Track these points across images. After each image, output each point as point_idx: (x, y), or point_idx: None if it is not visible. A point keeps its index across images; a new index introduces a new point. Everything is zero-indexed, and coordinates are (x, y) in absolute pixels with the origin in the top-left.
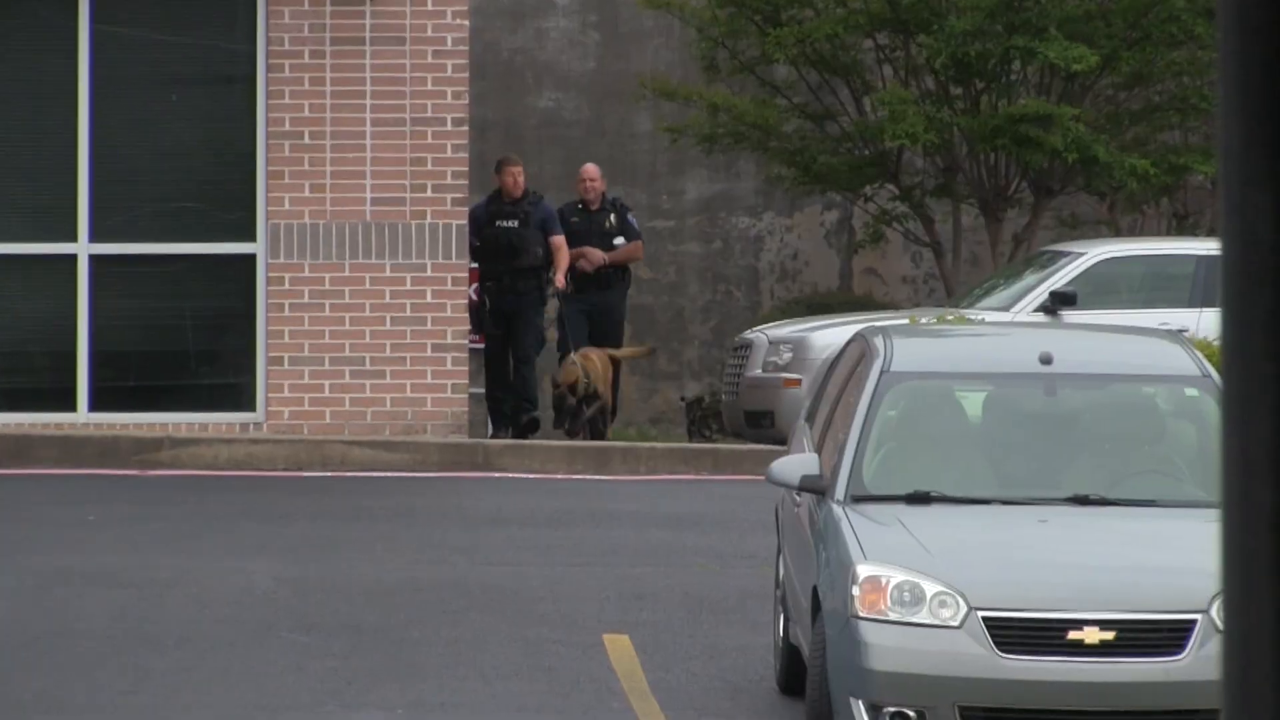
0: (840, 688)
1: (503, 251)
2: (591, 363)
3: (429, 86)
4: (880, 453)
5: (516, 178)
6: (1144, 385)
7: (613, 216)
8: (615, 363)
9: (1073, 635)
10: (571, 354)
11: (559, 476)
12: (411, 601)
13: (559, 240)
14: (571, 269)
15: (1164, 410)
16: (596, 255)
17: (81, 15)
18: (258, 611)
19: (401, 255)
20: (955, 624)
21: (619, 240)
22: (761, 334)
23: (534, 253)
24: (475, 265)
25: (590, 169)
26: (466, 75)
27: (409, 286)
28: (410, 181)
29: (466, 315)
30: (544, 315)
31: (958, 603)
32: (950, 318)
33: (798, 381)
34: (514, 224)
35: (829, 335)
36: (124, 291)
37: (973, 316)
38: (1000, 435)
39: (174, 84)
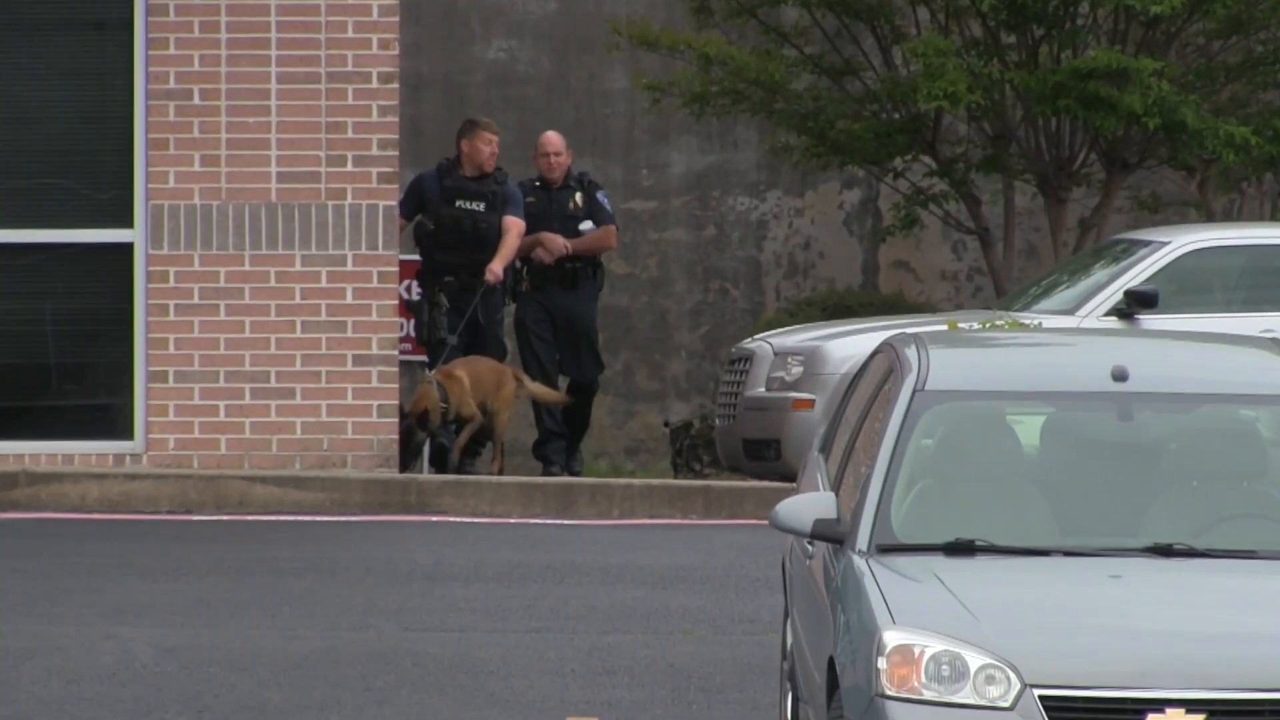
0: None
1: (466, 240)
2: (456, 382)
3: (350, 34)
4: (913, 492)
5: (494, 149)
6: (1242, 407)
7: (579, 196)
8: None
9: (1153, 719)
10: (429, 372)
11: (512, 520)
12: (328, 677)
13: (510, 222)
14: (528, 261)
15: (1267, 438)
16: (557, 243)
17: None
18: (136, 689)
19: (315, 245)
20: (1005, 704)
21: (586, 225)
22: (765, 343)
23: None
24: (408, 258)
25: (552, 139)
26: (397, 20)
27: (325, 284)
28: (326, 153)
29: (395, 320)
30: (503, 322)
31: (1009, 678)
32: (1001, 323)
33: (810, 403)
34: (479, 206)
35: (849, 345)
36: None
37: (1029, 321)
38: (1063, 470)
39: (29, 30)
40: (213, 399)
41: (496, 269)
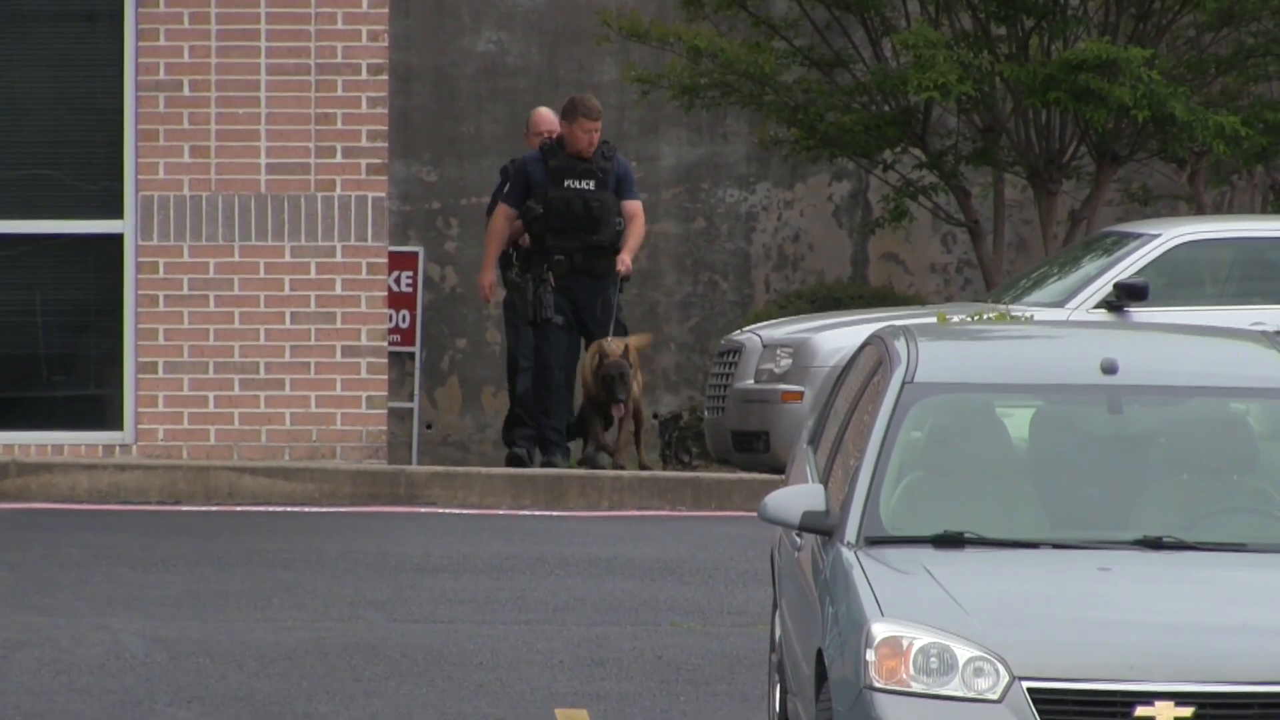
0: None
1: (577, 221)
2: (633, 357)
3: (339, 25)
4: (902, 484)
5: (594, 137)
6: (1232, 399)
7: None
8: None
9: (1141, 712)
10: (609, 339)
11: (500, 512)
12: (316, 668)
13: (634, 207)
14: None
15: (1257, 431)
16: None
17: None
18: (126, 680)
19: (305, 236)
20: (994, 697)
21: None
22: (754, 335)
23: (614, 223)
24: (398, 249)
25: (545, 117)
26: (386, 11)
27: (314, 275)
28: (316, 144)
29: (385, 311)
30: (622, 305)
31: (997, 671)
32: (990, 315)
33: (799, 395)
34: (589, 185)
35: (838, 337)
36: None
37: (1018, 313)
38: (1052, 462)
39: (18, 21)
40: (202, 390)
41: (627, 259)
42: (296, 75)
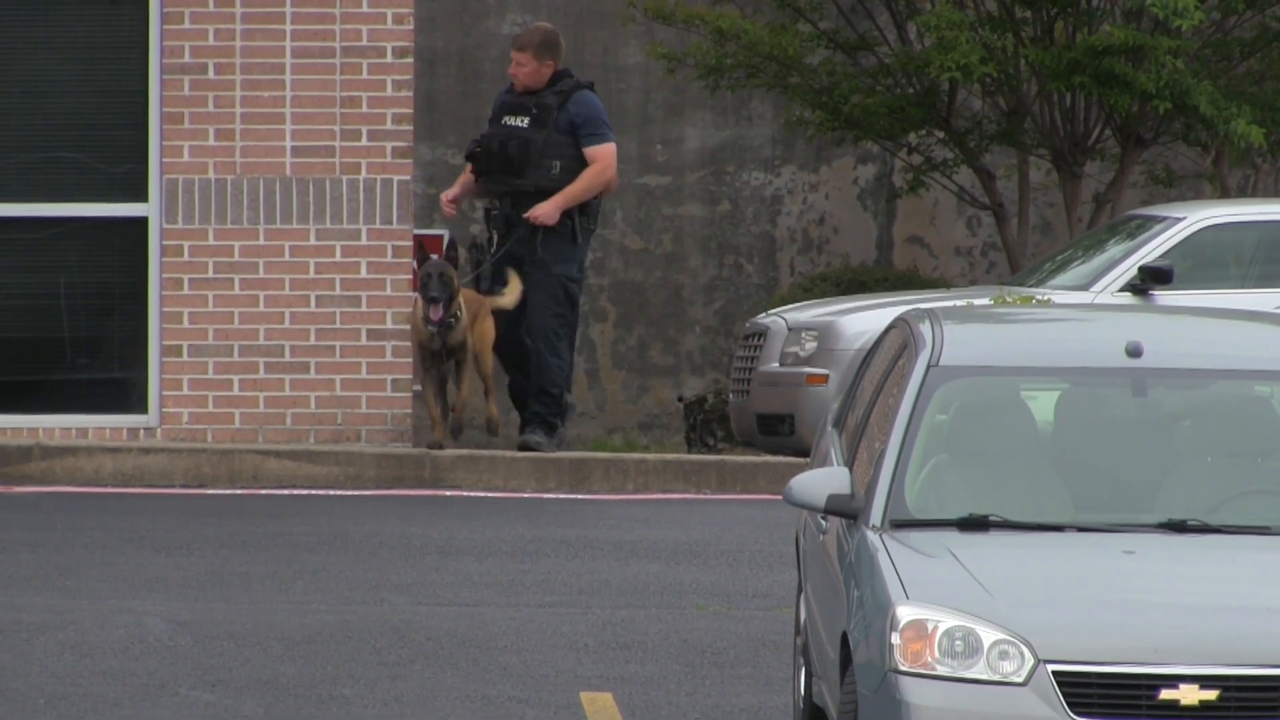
0: None
1: (495, 162)
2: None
3: (364, 8)
4: (927, 467)
5: (527, 70)
6: (1257, 383)
7: None
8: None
9: (1166, 695)
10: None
11: (526, 495)
12: (341, 651)
13: (593, 152)
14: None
15: None
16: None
17: None
18: (150, 663)
19: (330, 219)
20: (1019, 680)
21: None
22: (779, 318)
23: (547, 168)
24: (423, 232)
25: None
26: None
27: (339, 258)
28: (341, 127)
29: (409, 295)
30: (578, 265)
31: (1022, 654)
32: (1014, 298)
33: (824, 378)
34: (522, 122)
35: (863, 320)
36: None
37: (1043, 297)
38: (1077, 445)
39: (44, 4)
40: (227, 373)
41: (544, 210)
42: (321, 58)
